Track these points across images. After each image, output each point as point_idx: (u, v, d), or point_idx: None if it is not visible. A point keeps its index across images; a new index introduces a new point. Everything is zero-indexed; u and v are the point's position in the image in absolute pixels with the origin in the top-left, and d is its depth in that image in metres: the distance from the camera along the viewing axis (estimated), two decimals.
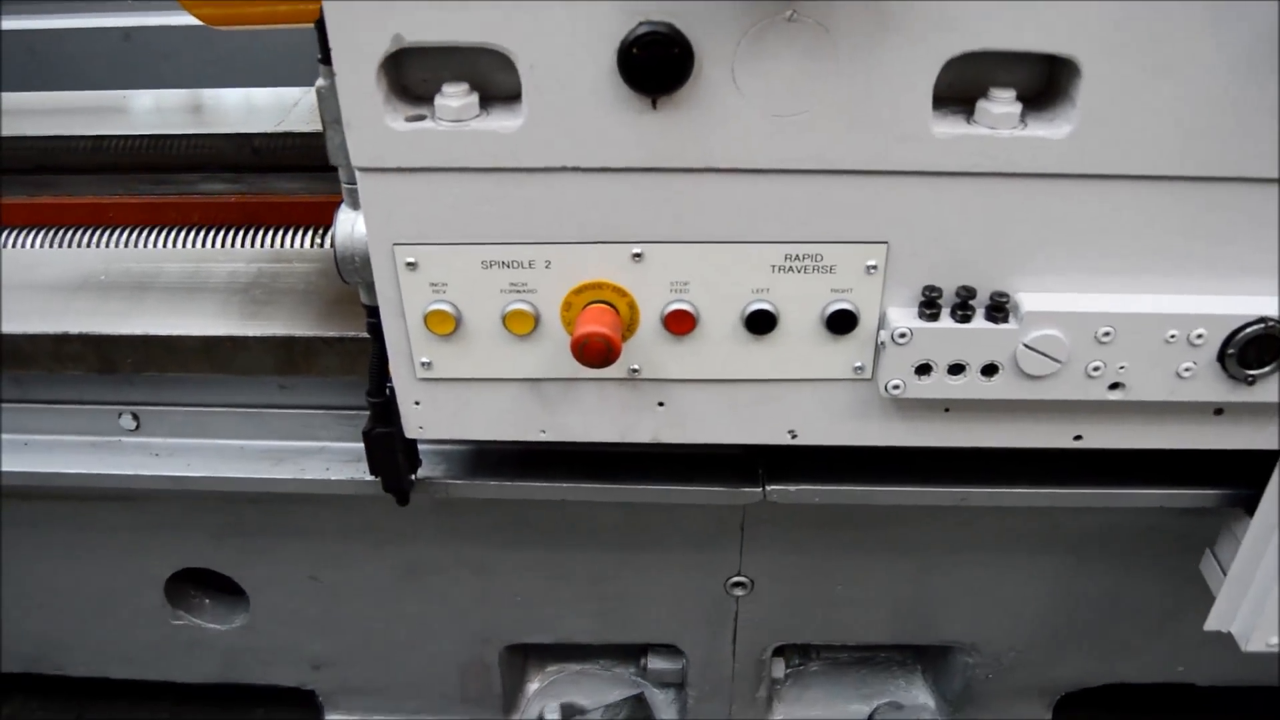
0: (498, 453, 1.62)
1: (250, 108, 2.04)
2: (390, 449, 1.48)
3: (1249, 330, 1.25)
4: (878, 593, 1.85)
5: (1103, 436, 1.40)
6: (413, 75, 1.22)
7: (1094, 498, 1.53)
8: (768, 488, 1.56)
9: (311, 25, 1.18)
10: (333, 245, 1.32)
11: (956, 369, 1.29)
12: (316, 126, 1.26)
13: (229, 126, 1.92)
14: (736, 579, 1.82)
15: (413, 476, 1.56)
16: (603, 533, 1.78)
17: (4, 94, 2.07)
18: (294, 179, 1.91)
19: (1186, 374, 1.29)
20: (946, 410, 1.37)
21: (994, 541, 1.76)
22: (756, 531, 1.75)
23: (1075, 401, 1.32)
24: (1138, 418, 1.37)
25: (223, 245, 1.83)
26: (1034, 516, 1.70)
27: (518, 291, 1.30)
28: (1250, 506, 1.47)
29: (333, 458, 1.65)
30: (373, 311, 1.36)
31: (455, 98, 1.18)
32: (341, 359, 1.58)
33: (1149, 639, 1.89)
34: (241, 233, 1.84)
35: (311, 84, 1.23)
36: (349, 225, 1.31)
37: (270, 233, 1.83)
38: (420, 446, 1.59)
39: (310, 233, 1.82)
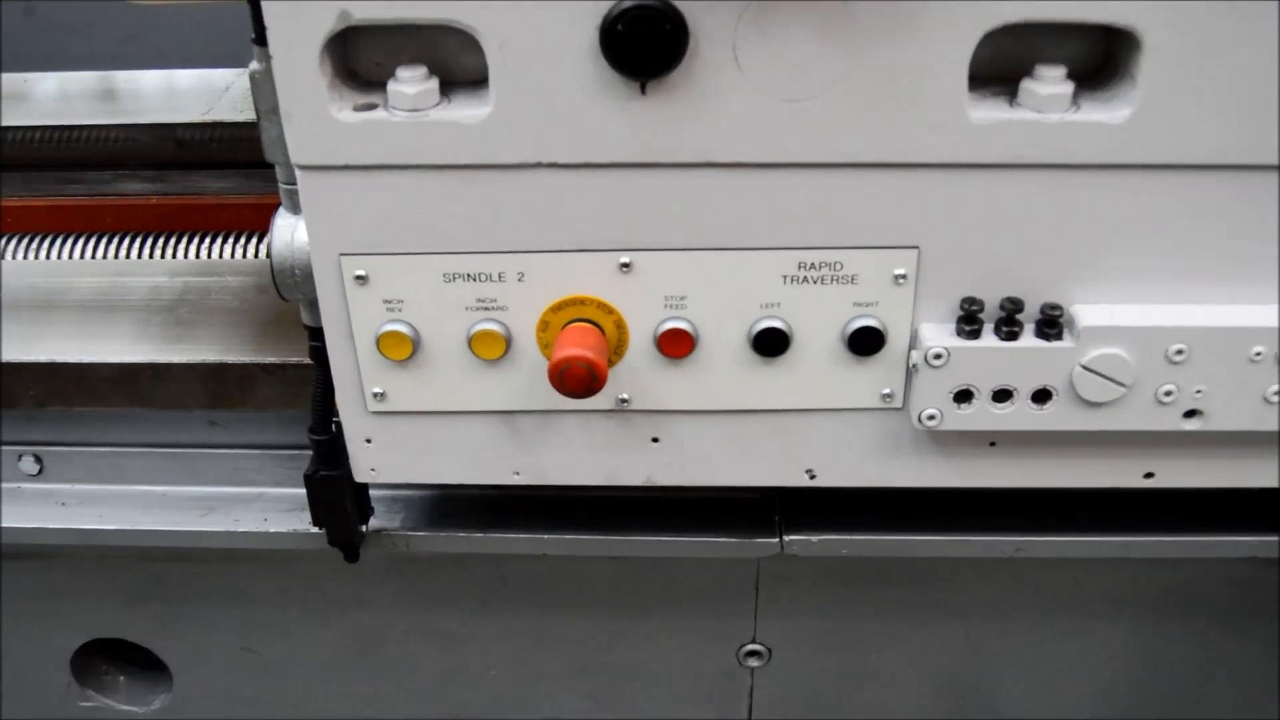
0: (465, 499, 1.64)
1: (172, 93, 2.06)
2: (337, 495, 1.50)
3: None
4: (918, 662, 1.86)
5: (1179, 474, 1.41)
6: (362, 58, 1.25)
7: (1171, 546, 1.55)
8: (785, 538, 1.57)
9: None
10: (269, 256, 1.35)
11: (1002, 395, 1.32)
12: (251, 115, 1.28)
13: (148, 115, 1.95)
14: (751, 647, 1.84)
15: (364, 528, 1.58)
16: (591, 593, 1.80)
17: None
18: (225, 177, 1.93)
19: (1276, 399, 1.31)
20: (992, 444, 1.40)
21: (1055, 600, 1.77)
22: (773, 590, 1.77)
23: (1145, 433, 1.34)
24: (1219, 451, 1.39)
25: (141, 255, 1.84)
26: (1102, 570, 1.72)
27: (486, 309, 1.33)
28: None
29: (271, 506, 1.68)
30: (316, 334, 1.38)
31: (412, 83, 1.20)
32: (281, 389, 1.61)
33: (1243, 713, 1.90)
34: (164, 240, 1.86)
35: (245, 64, 1.25)
36: (288, 232, 1.34)
37: (197, 240, 1.85)
38: (373, 492, 1.61)
39: (244, 240, 1.84)
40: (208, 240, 1.85)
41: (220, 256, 1.84)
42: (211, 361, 1.60)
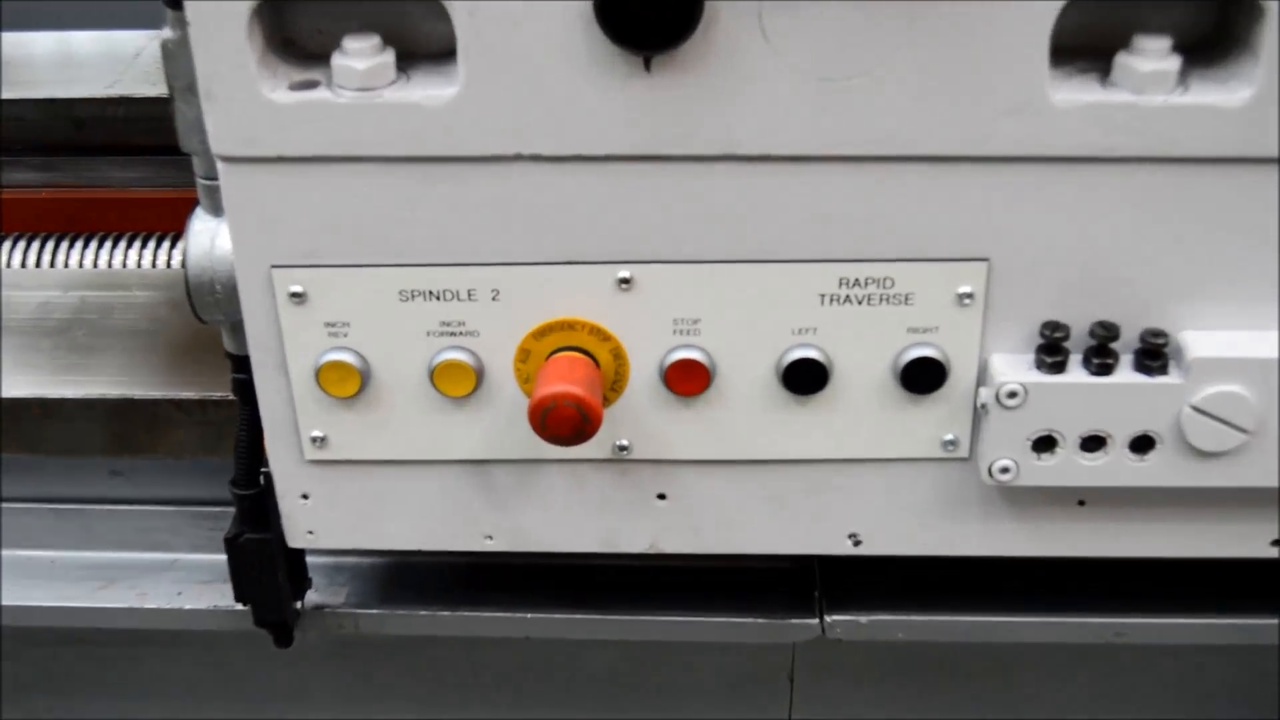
0: (426, 569, 1.65)
1: (69, 61, 2.07)
2: (266, 564, 1.51)
3: None
4: None
5: None
6: (301, 24, 1.26)
7: None
8: (827, 618, 1.58)
9: None
10: (184, 267, 1.35)
11: (1093, 443, 1.32)
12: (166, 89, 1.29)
13: (39, 88, 1.96)
14: None
15: (299, 604, 1.59)
16: (585, 685, 1.80)
17: None
18: (134, 165, 1.96)
19: None
20: (1081, 504, 1.40)
21: (1163, 696, 1.77)
22: (812, 682, 1.78)
23: (1272, 490, 1.35)
24: None
25: (28, 263, 1.85)
26: (1222, 658, 1.72)
27: (452, 334, 1.34)
28: None
29: (186, 576, 1.69)
30: (241, 364, 1.39)
31: (361, 56, 1.21)
32: (200, 432, 1.62)
33: None
34: (56, 244, 1.88)
35: (158, 26, 1.26)
36: (207, 238, 1.35)
37: (97, 244, 1.86)
38: (311, 560, 1.62)
39: (157, 245, 1.85)
40: (110, 244, 1.85)
41: (126, 265, 1.84)
42: (114, 397, 1.61)
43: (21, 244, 1.87)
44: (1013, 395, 1.30)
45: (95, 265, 1.84)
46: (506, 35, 1.18)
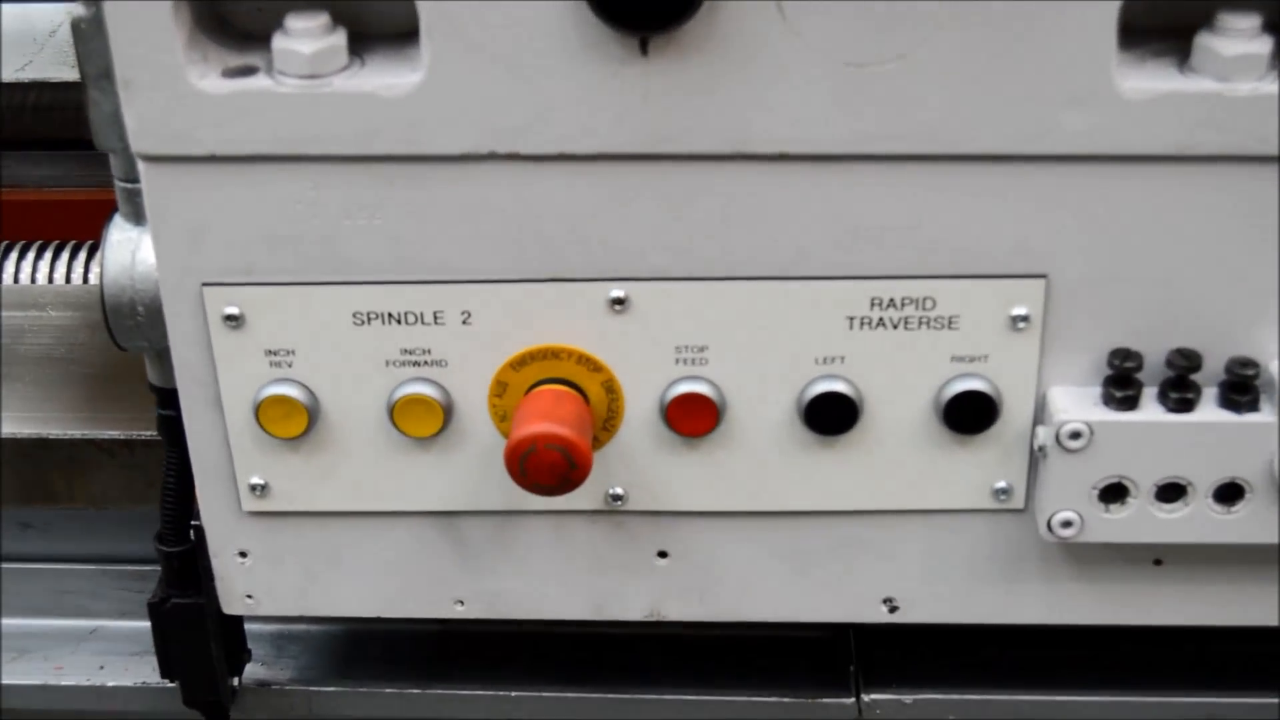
0: (388, 639, 1.65)
1: None
2: (196, 633, 1.51)
3: None
4: None
5: None
6: (237, 2, 1.26)
7: None
8: (864, 698, 1.58)
9: None
10: (100, 284, 1.36)
11: (1172, 492, 1.32)
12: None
13: None
14: None
15: (235, 681, 1.59)
16: None
17: None
18: (50, 161, 1.98)
19: None
20: (1158, 563, 1.40)
21: None
22: None
23: None
24: None
25: None
26: None
27: (416, 364, 1.34)
28: None
29: (110, 647, 1.70)
30: (168, 398, 1.40)
31: (307, 38, 1.21)
32: (125, 477, 1.63)
33: None
34: None
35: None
36: (127, 252, 1.35)
37: (5, 254, 1.85)
38: (253, 629, 1.62)
39: (71, 255, 1.85)
40: (17, 254, 1.85)
41: (38, 280, 1.83)
42: (25, 436, 1.62)
43: None
44: (1076, 436, 1.30)
45: (2, 280, 1.83)
46: (477, 13, 1.18)
